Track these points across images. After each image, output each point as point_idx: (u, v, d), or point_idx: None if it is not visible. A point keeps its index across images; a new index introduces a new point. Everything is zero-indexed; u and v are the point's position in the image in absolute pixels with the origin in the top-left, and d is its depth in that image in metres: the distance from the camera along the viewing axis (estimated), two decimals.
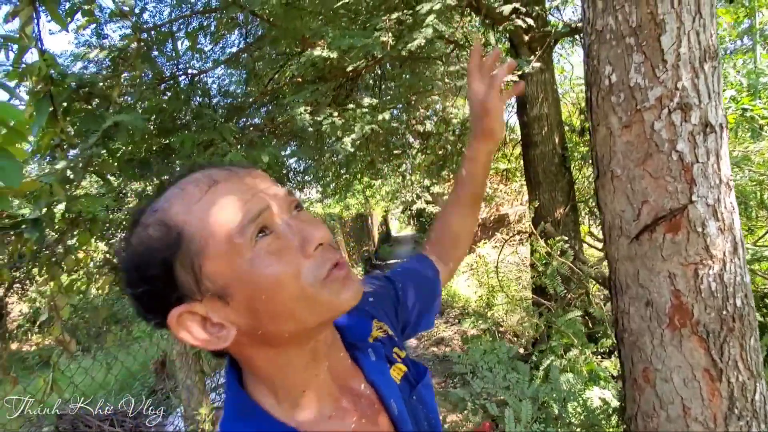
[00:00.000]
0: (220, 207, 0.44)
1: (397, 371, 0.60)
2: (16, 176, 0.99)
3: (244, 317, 0.45)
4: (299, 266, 0.45)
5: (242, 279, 0.44)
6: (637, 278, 1.01)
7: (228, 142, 2.08)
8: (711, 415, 0.92)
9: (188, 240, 0.43)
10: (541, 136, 3.35)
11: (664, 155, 0.93)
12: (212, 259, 0.43)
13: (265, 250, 0.44)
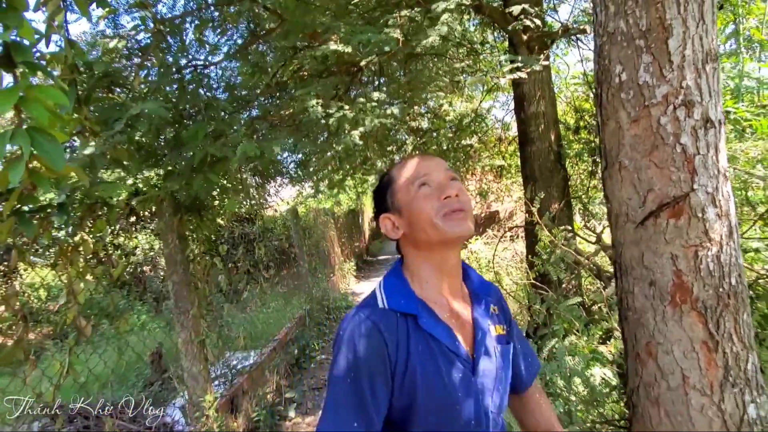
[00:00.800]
0: (408, 169, 0.83)
1: (496, 330, 0.85)
2: (60, 159, 1.04)
3: (406, 226, 0.82)
4: (433, 206, 0.77)
5: (409, 206, 0.80)
6: (641, 260, 1.10)
7: (239, 132, 2.13)
8: (708, 383, 1.02)
9: (391, 181, 0.85)
10: (538, 133, 3.46)
11: (669, 147, 1.02)
12: (397, 192, 0.83)
13: (422, 194, 0.79)
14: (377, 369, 0.71)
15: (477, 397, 0.75)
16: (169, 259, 2.51)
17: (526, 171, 3.52)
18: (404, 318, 0.76)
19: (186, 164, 2.11)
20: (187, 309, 2.54)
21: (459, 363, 0.75)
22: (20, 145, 0.99)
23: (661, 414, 1.10)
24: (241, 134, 2.12)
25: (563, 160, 3.50)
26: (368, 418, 0.69)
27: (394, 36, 1.82)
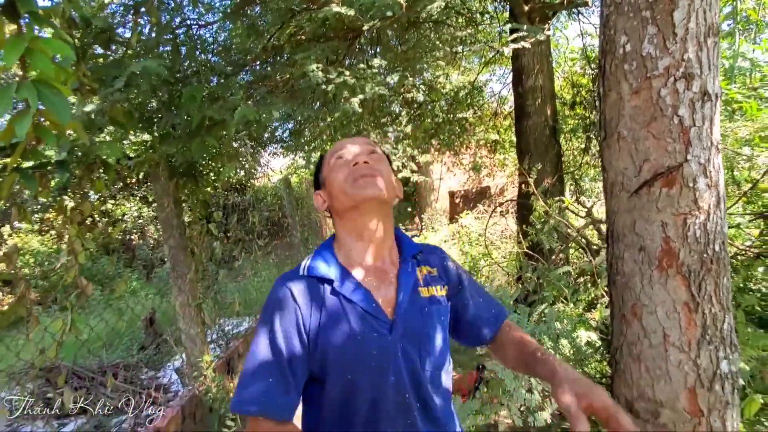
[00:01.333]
0: (333, 148, 0.91)
1: (427, 291, 0.86)
2: (67, 113, 1.03)
3: (328, 197, 0.88)
4: (344, 173, 0.83)
5: (328, 178, 0.87)
6: (633, 227, 1.16)
7: (237, 95, 2.11)
8: (687, 341, 1.10)
9: (321, 161, 0.93)
10: (535, 107, 3.47)
11: (666, 119, 1.06)
12: (323, 169, 0.91)
13: (336, 164, 0.86)
14: (291, 332, 0.77)
15: (395, 355, 0.78)
16: (165, 223, 2.51)
17: (521, 145, 3.55)
18: (321, 283, 0.82)
19: (183, 127, 2.09)
20: (184, 273, 2.57)
21: (375, 324, 0.78)
22: (27, 97, 0.98)
23: (641, 369, 1.19)
24: (239, 98, 2.10)
25: (558, 135, 3.53)
26: (284, 377, 0.75)
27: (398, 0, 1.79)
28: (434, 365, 0.82)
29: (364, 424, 0.77)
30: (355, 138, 0.91)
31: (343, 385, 0.77)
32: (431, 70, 4.86)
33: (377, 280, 0.84)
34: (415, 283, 0.85)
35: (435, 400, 0.81)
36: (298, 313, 0.78)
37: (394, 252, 0.89)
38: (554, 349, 1.44)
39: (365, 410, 0.76)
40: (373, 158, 0.86)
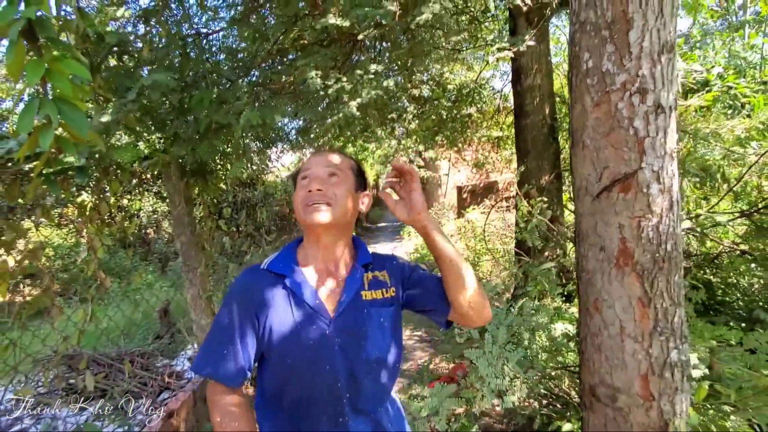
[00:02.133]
0: (305, 161, 1.00)
1: (370, 295, 0.98)
2: (85, 127, 1.17)
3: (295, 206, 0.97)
4: (301, 196, 0.95)
5: (295, 193, 0.97)
6: (595, 229, 1.26)
7: (242, 101, 2.24)
8: (640, 332, 1.20)
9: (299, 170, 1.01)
10: (533, 106, 3.53)
11: (623, 130, 1.15)
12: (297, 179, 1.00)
13: (300, 185, 0.97)
14: (245, 315, 0.92)
15: (332, 349, 0.90)
16: (177, 220, 2.67)
17: (519, 143, 3.62)
18: (276, 277, 0.95)
19: (192, 130, 2.23)
20: (195, 267, 2.74)
21: (317, 319, 0.91)
22: (48, 113, 1.13)
23: (602, 359, 1.29)
24: (244, 102, 2.23)
25: (556, 133, 3.59)
26: (235, 351, 0.90)
27: (391, 9, 1.90)
28: (373, 359, 0.94)
29: (296, 404, 0.91)
30: (321, 157, 0.98)
31: (283, 367, 0.91)
32: (435, 66, 4.93)
33: (326, 281, 0.97)
34: (359, 287, 0.97)
35: (368, 391, 0.93)
36: (254, 300, 0.93)
37: (348, 258, 1.01)
38: (531, 341, 1.55)
39: (298, 392, 0.91)
40: (331, 182, 0.95)
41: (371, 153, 8.70)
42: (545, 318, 1.61)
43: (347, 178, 0.98)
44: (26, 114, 1.12)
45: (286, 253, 1.00)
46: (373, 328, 0.95)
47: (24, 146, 1.16)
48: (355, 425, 0.92)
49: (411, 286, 1.04)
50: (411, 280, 1.04)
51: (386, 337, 0.97)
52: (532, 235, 1.83)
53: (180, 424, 2.36)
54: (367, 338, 0.94)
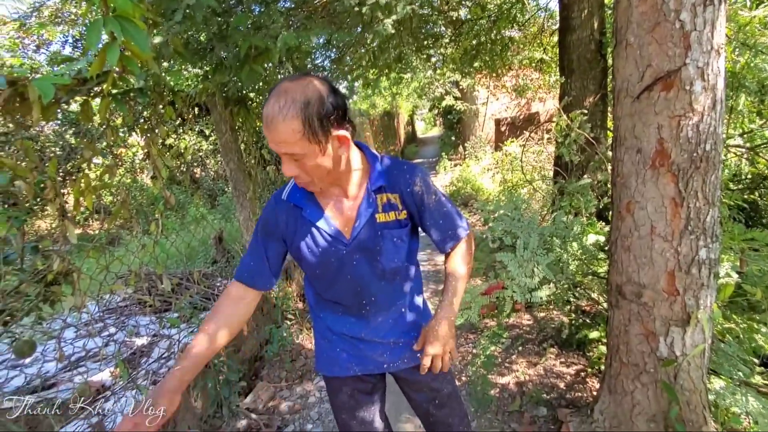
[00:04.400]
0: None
1: (383, 217, 1.05)
2: (145, 43, 1.27)
3: None
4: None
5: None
6: (633, 131, 1.26)
7: (278, 23, 2.26)
8: (671, 231, 1.24)
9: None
10: (580, 19, 3.28)
11: (669, 24, 1.11)
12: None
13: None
14: (270, 234, 1.07)
15: (351, 264, 1.05)
16: (225, 147, 2.84)
17: (563, 61, 3.42)
18: (296, 208, 1.06)
19: (233, 57, 2.30)
20: (244, 192, 2.95)
21: (335, 243, 1.04)
22: (112, 30, 1.23)
23: (630, 258, 1.36)
24: (280, 25, 2.25)
25: (604, 50, 3.35)
26: (261, 261, 1.06)
27: None
28: (388, 270, 1.09)
29: (332, 302, 1.14)
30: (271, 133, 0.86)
31: (315, 278, 1.12)
32: None
33: (341, 208, 1.05)
34: (373, 211, 1.04)
35: (384, 293, 1.11)
36: (279, 227, 1.07)
37: (363, 183, 1.05)
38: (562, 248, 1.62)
39: (330, 294, 1.12)
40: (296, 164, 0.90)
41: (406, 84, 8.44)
42: (578, 228, 1.66)
43: (305, 148, 0.87)
44: (93, 31, 1.23)
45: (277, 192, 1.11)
46: (387, 245, 1.06)
47: (94, 63, 1.28)
48: (375, 317, 1.13)
49: (420, 216, 1.09)
50: (424, 210, 1.08)
51: (400, 251, 1.09)
52: (570, 149, 1.81)
53: (243, 327, 2.70)
54: (382, 254, 1.07)
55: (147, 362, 2.97)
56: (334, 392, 1.23)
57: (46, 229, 4.86)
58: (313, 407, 2.37)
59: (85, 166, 1.62)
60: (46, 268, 1.85)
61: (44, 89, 1.26)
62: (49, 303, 2.28)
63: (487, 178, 7.37)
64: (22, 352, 2.02)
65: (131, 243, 2.24)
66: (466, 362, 2.57)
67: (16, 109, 1.38)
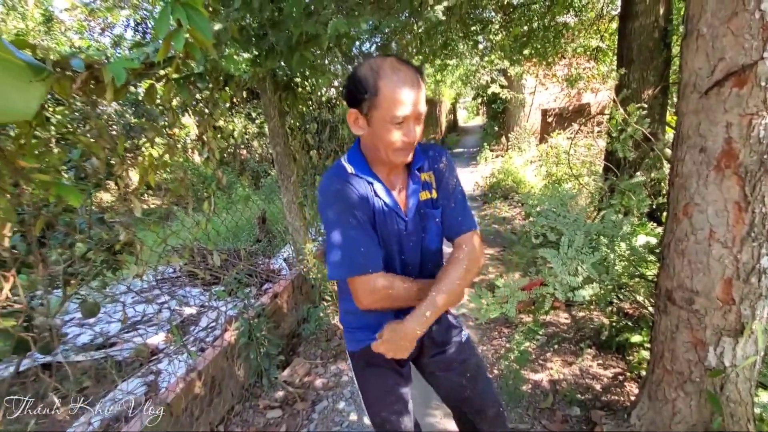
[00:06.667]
0: (392, 95, 0.92)
1: (425, 195, 1.11)
2: (209, 31, 1.34)
3: (370, 134, 1.00)
4: (394, 140, 0.97)
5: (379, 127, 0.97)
6: (698, 129, 1.19)
7: (329, 9, 2.28)
8: (731, 237, 1.17)
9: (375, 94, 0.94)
10: (644, 5, 3.07)
11: (748, 13, 1.03)
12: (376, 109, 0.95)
13: (393, 128, 0.95)
14: (363, 212, 1.01)
15: (408, 240, 1.08)
16: (272, 132, 2.94)
17: (622, 50, 3.23)
18: (366, 182, 1.04)
19: (285, 42, 2.35)
20: (289, 176, 3.04)
21: (398, 219, 1.07)
22: (179, 17, 1.30)
23: (684, 263, 1.30)
24: (330, 11, 2.27)
25: (669, 39, 3.13)
26: (372, 244, 0.99)
27: None
28: (433, 250, 1.14)
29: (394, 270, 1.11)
30: (414, 92, 0.93)
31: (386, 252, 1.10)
32: None
33: (395, 186, 1.09)
34: (418, 189, 1.10)
35: (429, 265, 1.15)
36: (360, 200, 1.02)
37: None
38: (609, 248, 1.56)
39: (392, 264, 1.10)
40: (418, 123, 0.98)
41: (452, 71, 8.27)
42: (628, 228, 1.59)
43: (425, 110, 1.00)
44: (162, 18, 1.30)
45: (362, 161, 1.06)
46: (431, 224, 1.12)
47: (161, 49, 1.36)
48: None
49: (445, 198, 1.12)
50: (447, 194, 1.12)
51: (439, 230, 1.14)
52: (624, 145, 1.72)
53: (283, 304, 2.83)
54: (428, 233, 1.11)
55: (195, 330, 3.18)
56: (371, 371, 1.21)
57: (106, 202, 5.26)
58: (346, 386, 2.45)
59: (149, 145, 1.74)
60: (112, 238, 2.02)
61: (117, 73, 1.36)
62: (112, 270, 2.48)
63: (530, 170, 7.14)
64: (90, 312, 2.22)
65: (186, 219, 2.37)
66: (498, 356, 2.56)
67: (92, 90, 1.49)
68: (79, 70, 1.34)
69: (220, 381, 2.15)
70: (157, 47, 1.52)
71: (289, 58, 2.43)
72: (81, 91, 1.43)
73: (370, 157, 1.06)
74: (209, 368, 2.06)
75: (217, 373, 2.13)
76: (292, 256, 4.28)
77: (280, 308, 2.79)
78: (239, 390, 2.31)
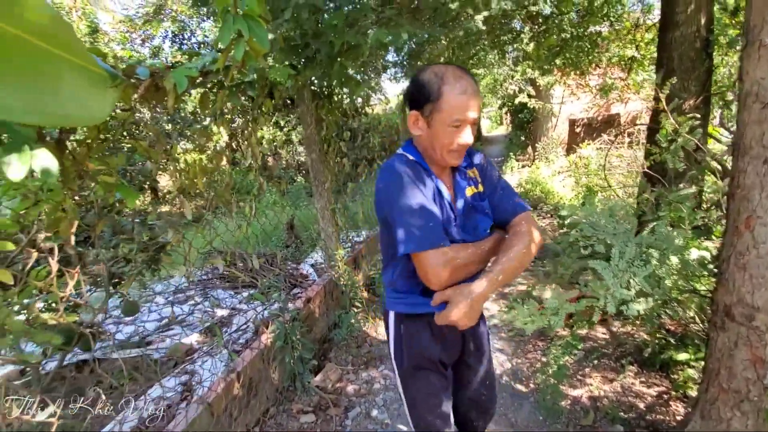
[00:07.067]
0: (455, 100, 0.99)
1: (471, 190, 1.17)
2: (266, 41, 1.39)
3: (428, 134, 1.06)
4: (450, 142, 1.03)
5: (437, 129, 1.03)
6: (761, 140, 1.16)
7: (369, 19, 2.33)
8: None
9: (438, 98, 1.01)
10: (686, 15, 3.01)
11: None
12: (438, 112, 1.02)
13: (450, 130, 1.02)
14: (426, 189, 1.06)
15: (458, 236, 1.10)
16: (308, 139, 3.00)
17: (662, 59, 3.17)
18: (425, 170, 1.10)
19: (325, 52, 2.41)
20: (323, 182, 3.09)
21: (450, 208, 1.11)
22: (240, 28, 1.35)
23: (744, 277, 1.25)
24: (371, 21, 2.32)
25: (711, 49, 3.06)
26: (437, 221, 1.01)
27: None
28: (482, 228, 1.16)
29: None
30: (474, 98, 1.01)
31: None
32: None
33: (446, 180, 1.15)
34: (465, 185, 1.16)
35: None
36: (426, 183, 1.07)
37: None
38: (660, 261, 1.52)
39: None
40: (473, 128, 1.05)
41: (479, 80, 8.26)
42: (680, 241, 1.54)
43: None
44: (225, 29, 1.36)
45: (417, 154, 1.12)
46: (481, 216, 1.16)
47: (220, 58, 1.41)
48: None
49: (493, 190, 1.19)
50: (495, 186, 1.19)
51: (489, 222, 1.17)
52: (675, 156, 1.67)
53: (315, 309, 2.86)
54: (478, 224, 1.16)
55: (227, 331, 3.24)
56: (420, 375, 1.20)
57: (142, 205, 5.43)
58: (379, 393, 2.45)
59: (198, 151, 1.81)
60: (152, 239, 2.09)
61: (180, 80, 1.43)
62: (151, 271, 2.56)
63: (558, 181, 7.03)
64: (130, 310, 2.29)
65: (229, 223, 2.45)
66: (534, 369, 2.51)
67: (152, 97, 1.56)
68: (143, 78, 1.41)
69: (256, 383, 2.18)
70: (214, 57, 1.59)
71: (329, 67, 2.49)
72: (143, 98, 1.50)
73: (425, 157, 1.13)
74: (247, 369, 2.10)
75: (254, 374, 2.16)
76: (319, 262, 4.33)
77: (312, 313, 2.82)
78: (273, 393, 2.34)
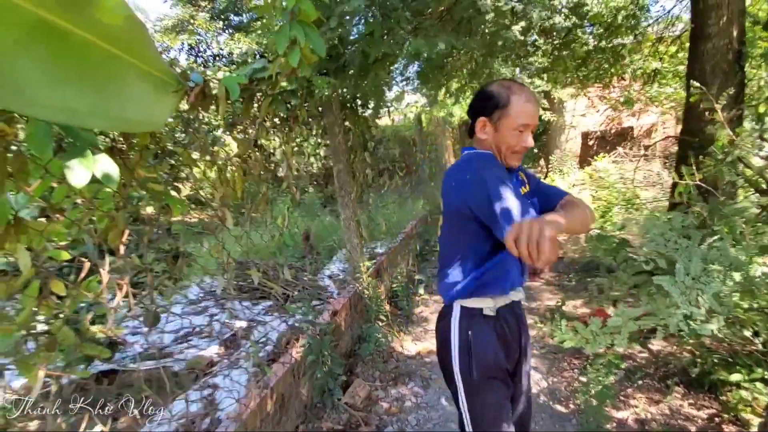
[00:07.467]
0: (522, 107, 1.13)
1: (523, 190, 1.26)
2: (322, 47, 1.35)
3: (494, 138, 1.18)
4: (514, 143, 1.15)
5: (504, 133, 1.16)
6: None
7: (405, 30, 2.31)
8: None
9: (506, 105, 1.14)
10: (717, 27, 2.99)
11: None
12: (506, 118, 1.14)
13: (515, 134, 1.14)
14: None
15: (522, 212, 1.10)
16: (335, 149, 2.96)
17: (694, 71, 3.13)
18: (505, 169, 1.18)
19: (359, 62, 2.38)
20: (349, 192, 3.04)
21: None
22: (296, 34, 1.32)
23: None
24: (406, 32, 2.30)
25: (743, 61, 3.02)
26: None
27: None
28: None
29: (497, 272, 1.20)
30: (536, 107, 1.14)
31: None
32: None
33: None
34: (519, 186, 1.25)
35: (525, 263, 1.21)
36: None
37: None
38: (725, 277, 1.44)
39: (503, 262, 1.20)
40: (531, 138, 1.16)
41: None
42: (743, 255, 1.47)
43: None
44: (281, 35, 1.33)
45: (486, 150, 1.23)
46: (530, 210, 1.15)
47: (274, 63, 1.38)
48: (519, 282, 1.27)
49: (537, 189, 1.31)
50: (537, 186, 1.31)
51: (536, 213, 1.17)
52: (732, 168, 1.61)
53: (341, 322, 2.78)
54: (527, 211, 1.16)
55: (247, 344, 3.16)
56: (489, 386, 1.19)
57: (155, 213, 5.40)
58: (411, 412, 2.36)
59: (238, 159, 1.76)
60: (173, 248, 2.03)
61: (231, 87, 1.39)
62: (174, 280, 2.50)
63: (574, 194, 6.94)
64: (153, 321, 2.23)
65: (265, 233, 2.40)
66: (572, 389, 2.41)
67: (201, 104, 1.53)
68: (197, 84, 1.38)
69: (287, 399, 2.10)
70: (263, 64, 1.55)
71: (361, 77, 2.47)
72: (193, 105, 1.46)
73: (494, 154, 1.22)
74: (279, 385, 2.02)
75: (285, 390, 2.08)
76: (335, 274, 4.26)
77: (338, 326, 2.74)
78: (302, 409, 2.26)
